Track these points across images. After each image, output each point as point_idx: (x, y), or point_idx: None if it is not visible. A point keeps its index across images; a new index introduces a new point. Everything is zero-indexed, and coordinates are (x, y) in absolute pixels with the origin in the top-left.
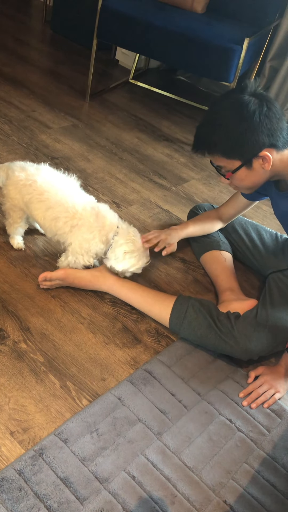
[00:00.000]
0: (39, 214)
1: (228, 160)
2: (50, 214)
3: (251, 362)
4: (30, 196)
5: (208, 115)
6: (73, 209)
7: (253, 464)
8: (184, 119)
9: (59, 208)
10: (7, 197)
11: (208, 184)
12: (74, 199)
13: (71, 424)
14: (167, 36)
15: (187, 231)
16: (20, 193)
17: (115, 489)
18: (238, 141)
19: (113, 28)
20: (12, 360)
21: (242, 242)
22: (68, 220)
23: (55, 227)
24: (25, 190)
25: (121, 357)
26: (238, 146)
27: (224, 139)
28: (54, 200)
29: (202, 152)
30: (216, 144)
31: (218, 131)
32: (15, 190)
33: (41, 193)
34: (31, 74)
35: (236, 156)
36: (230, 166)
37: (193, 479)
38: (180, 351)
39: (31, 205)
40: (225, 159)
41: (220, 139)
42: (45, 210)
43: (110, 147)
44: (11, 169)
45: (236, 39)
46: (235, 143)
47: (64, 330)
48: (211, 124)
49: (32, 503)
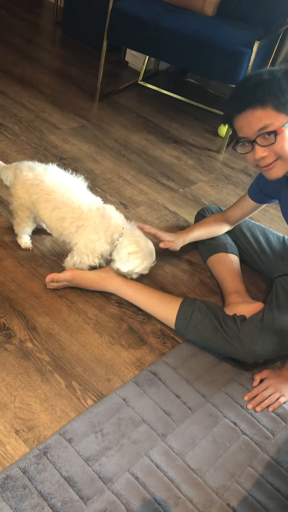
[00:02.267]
0: (46, 214)
1: (278, 114)
2: (57, 214)
3: (257, 365)
4: (37, 196)
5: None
6: (79, 210)
7: (257, 468)
8: (192, 121)
9: (66, 208)
10: (14, 196)
11: (215, 187)
12: (80, 199)
13: (75, 424)
14: (177, 38)
15: (192, 235)
16: (27, 192)
17: (119, 490)
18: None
19: (123, 30)
20: (18, 359)
21: (249, 245)
22: (74, 221)
23: (61, 227)
24: (33, 190)
25: (127, 358)
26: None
27: (277, 89)
28: (61, 200)
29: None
30: (269, 94)
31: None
32: (22, 189)
33: (48, 193)
34: (41, 75)
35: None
36: (278, 123)
37: (197, 481)
38: (186, 353)
39: (38, 205)
40: (275, 112)
41: (273, 90)
42: (51, 210)
43: (119, 148)
44: (19, 168)
45: (246, 42)
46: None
47: (70, 330)
48: (257, 80)
49: (36, 502)
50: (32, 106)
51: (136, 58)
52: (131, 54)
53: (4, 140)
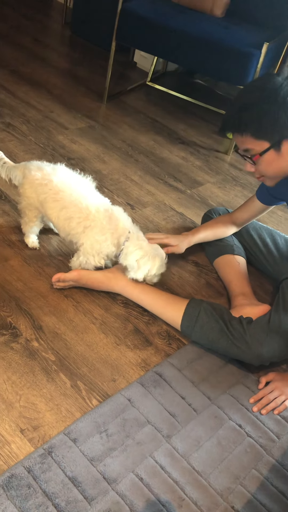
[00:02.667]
0: (54, 213)
1: (257, 141)
2: (64, 214)
3: (262, 367)
4: (46, 195)
5: (240, 95)
6: (87, 210)
7: (262, 471)
8: (200, 122)
9: (73, 208)
10: (23, 196)
11: (223, 188)
12: (88, 200)
13: (80, 424)
14: (185, 39)
15: (198, 236)
16: (35, 192)
17: (123, 490)
18: (269, 120)
19: (132, 30)
20: (24, 358)
21: (256, 247)
22: (81, 221)
23: (68, 227)
24: (41, 189)
25: (132, 358)
26: (269, 126)
27: (255, 117)
28: (69, 200)
29: (232, 131)
30: (247, 123)
31: (251, 109)
32: (31, 189)
33: (56, 193)
34: (50, 75)
35: (266, 136)
36: (258, 148)
37: (201, 483)
38: (191, 354)
39: (46, 205)
40: (254, 140)
41: (252, 118)
42: (59, 210)
43: (126, 149)
44: (28, 168)
45: (255, 44)
46: (266, 123)
47: (76, 330)
48: (244, 104)
49: (41, 501)
50: (41, 106)
51: (145, 59)
52: (140, 54)
53: (13, 140)
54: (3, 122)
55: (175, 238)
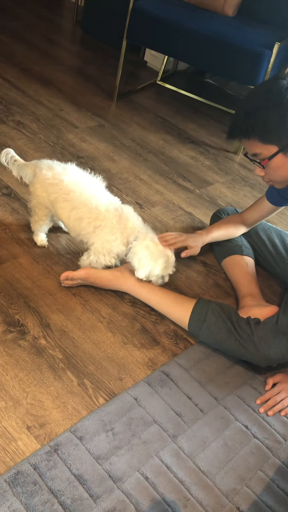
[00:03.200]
0: (64, 213)
1: (264, 145)
2: (75, 214)
3: (270, 369)
4: (56, 195)
5: (246, 100)
6: (97, 210)
7: (268, 472)
8: (210, 122)
9: (84, 208)
10: (33, 194)
11: (232, 188)
12: (98, 200)
13: (87, 422)
14: (196, 39)
15: (212, 236)
16: (46, 191)
17: (128, 489)
18: (276, 124)
19: (143, 29)
20: (32, 356)
21: (264, 248)
22: (91, 221)
23: (79, 227)
24: (52, 189)
25: (139, 357)
26: (275, 130)
27: (262, 122)
28: (79, 200)
29: (239, 137)
30: (253, 128)
31: (257, 114)
32: (41, 188)
33: (67, 193)
34: (60, 74)
35: (274, 140)
36: (267, 152)
37: (207, 483)
38: (198, 354)
39: (56, 204)
40: (261, 144)
41: (258, 123)
42: (70, 210)
43: (136, 148)
44: (39, 167)
45: (266, 43)
46: (273, 127)
47: (84, 328)
48: (249, 108)
49: (46, 498)
50: (51, 104)
51: (155, 58)
52: (150, 54)
53: (22, 138)
54: (13, 120)
55: (192, 238)
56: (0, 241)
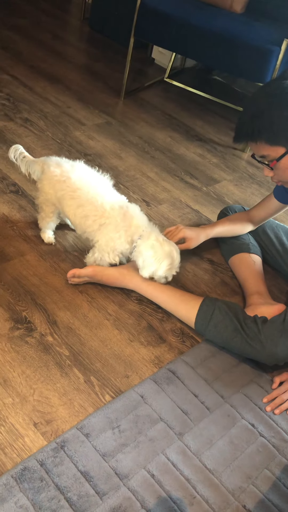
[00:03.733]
0: (71, 211)
1: (272, 147)
2: (81, 211)
3: (277, 367)
4: (63, 192)
5: (250, 103)
6: (102, 208)
7: (274, 471)
8: (218, 119)
9: (89, 206)
10: (41, 191)
11: (240, 186)
12: (104, 198)
13: (93, 419)
14: (204, 35)
15: (216, 230)
16: (53, 188)
17: (134, 486)
18: (282, 125)
19: (150, 26)
20: (39, 353)
21: (272, 246)
22: (96, 219)
23: (84, 225)
24: (59, 186)
25: (145, 355)
26: (282, 131)
27: (267, 124)
28: (86, 198)
29: (246, 140)
30: (260, 131)
31: (261, 117)
32: (49, 185)
33: (74, 190)
34: (68, 71)
35: (281, 142)
36: (274, 154)
37: (213, 481)
38: (205, 352)
39: (63, 201)
40: (269, 146)
41: (264, 125)
42: (76, 207)
43: (143, 145)
44: (47, 164)
45: (274, 40)
46: (279, 128)
47: (90, 326)
48: (254, 111)
49: (53, 494)
50: (58, 101)
51: (163, 55)
52: (158, 51)
53: (30, 135)
54: (21, 117)
55: (191, 230)
56: (8, 238)
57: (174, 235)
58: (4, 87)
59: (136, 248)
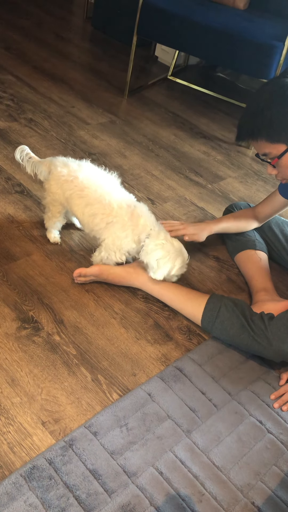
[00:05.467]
0: (79, 210)
1: (273, 144)
2: (89, 210)
3: (284, 364)
4: (71, 192)
5: (251, 102)
6: (110, 207)
7: (283, 467)
8: (222, 116)
9: (97, 205)
10: (48, 191)
11: (245, 183)
12: (112, 196)
13: (101, 418)
14: (207, 33)
15: (221, 226)
16: (61, 188)
17: (143, 484)
18: (282, 123)
19: (153, 24)
20: (46, 352)
21: (278, 242)
22: (104, 217)
23: (92, 223)
24: (67, 186)
25: (152, 353)
26: (282, 128)
27: (268, 122)
28: (94, 197)
29: (247, 139)
30: (260, 129)
31: (262, 115)
32: (56, 185)
33: (82, 190)
34: (71, 70)
35: (281, 139)
36: (276, 151)
37: (221, 478)
38: (212, 350)
39: (71, 201)
40: (269, 143)
41: (264, 123)
42: (84, 206)
43: (147, 143)
44: (54, 164)
45: (278, 36)
46: (279, 126)
47: (97, 324)
48: (254, 109)
49: (62, 493)
50: (62, 101)
51: (166, 53)
52: (161, 49)
53: (34, 136)
54: (25, 117)
55: (194, 226)
56: (13, 238)
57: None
58: (8, 88)
59: (144, 248)
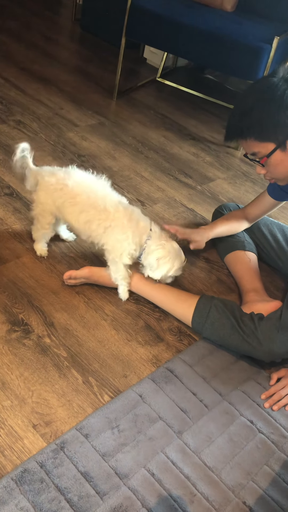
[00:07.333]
0: (73, 217)
1: (261, 143)
2: (84, 217)
3: (274, 364)
4: (62, 200)
5: (239, 101)
6: (106, 212)
7: (274, 467)
8: (211, 118)
9: (92, 211)
10: (37, 202)
11: (234, 184)
12: (106, 201)
13: (92, 420)
14: (195, 34)
15: (216, 231)
16: (51, 197)
17: (135, 486)
18: (270, 121)
19: (141, 26)
20: (36, 354)
21: (267, 243)
22: (101, 222)
23: (89, 230)
24: (57, 195)
25: (143, 354)
26: (270, 127)
27: (256, 121)
28: (87, 203)
29: (236, 139)
30: (248, 128)
31: (250, 114)
32: (46, 195)
33: (73, 197)
34: (60, 72)
35: (270, 138)
36: (264, 150)
37: (213, 479)
38: (202, 350)
39: (64, 210)
40: (258, 143)
41: (252, 122)
42: (78, 214)
43: (136, 145)
44: (40, 174)
45: (265, 38)
46: (267, 124)
47: (88, 326)
48: (243, 109)
49: (53, 496)
50: (51, 103)
51: (155, 55)
52: (150, 50)
53: (23, 137)
54: (14, 119)
55: (196, 233)
56: (3, 240)
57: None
58: None
59: (147, 249)
